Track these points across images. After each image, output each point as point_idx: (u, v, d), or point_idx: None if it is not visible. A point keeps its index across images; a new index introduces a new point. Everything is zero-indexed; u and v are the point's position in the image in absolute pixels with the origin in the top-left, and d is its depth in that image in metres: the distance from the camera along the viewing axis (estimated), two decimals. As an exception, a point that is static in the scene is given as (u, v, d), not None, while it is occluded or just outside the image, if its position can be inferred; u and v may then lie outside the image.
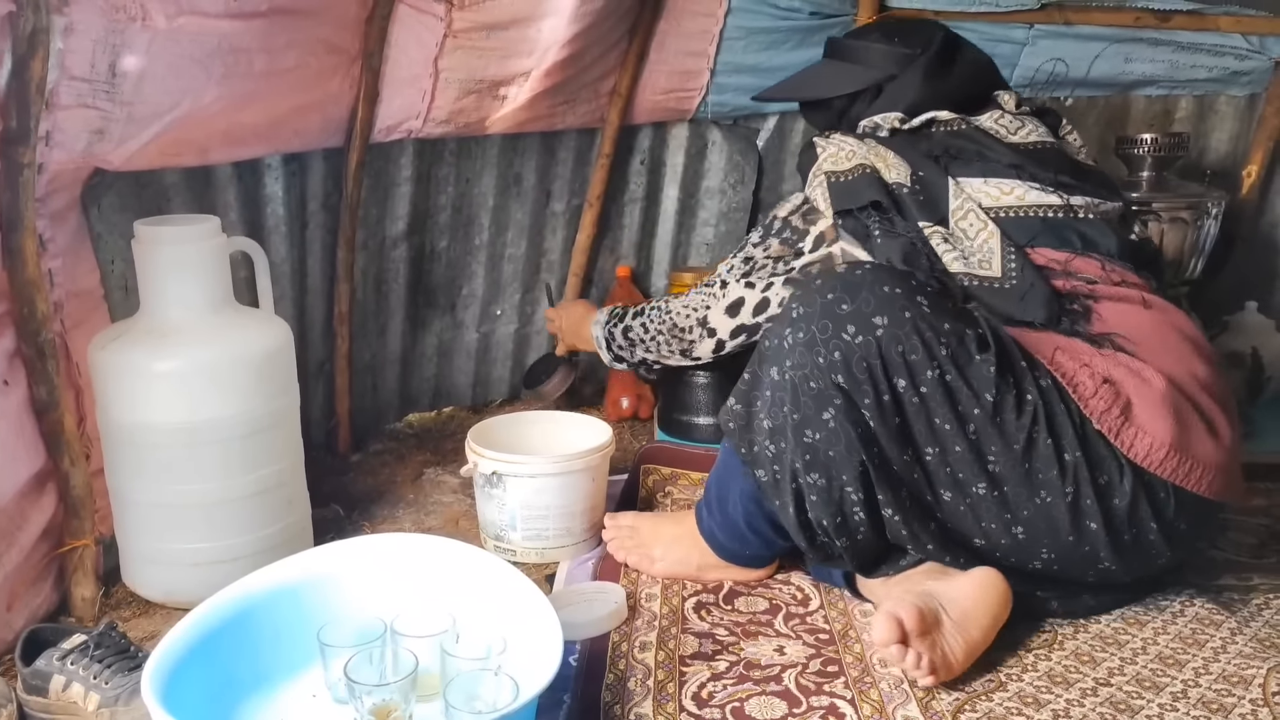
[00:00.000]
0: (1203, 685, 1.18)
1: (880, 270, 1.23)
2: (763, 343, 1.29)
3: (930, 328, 1.17)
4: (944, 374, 1.16)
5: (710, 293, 1.57)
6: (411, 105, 1.88)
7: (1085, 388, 1.20)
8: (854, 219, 1.40)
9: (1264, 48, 2.20)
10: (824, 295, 1.20)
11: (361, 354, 2.08)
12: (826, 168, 1.45)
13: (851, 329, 1.17)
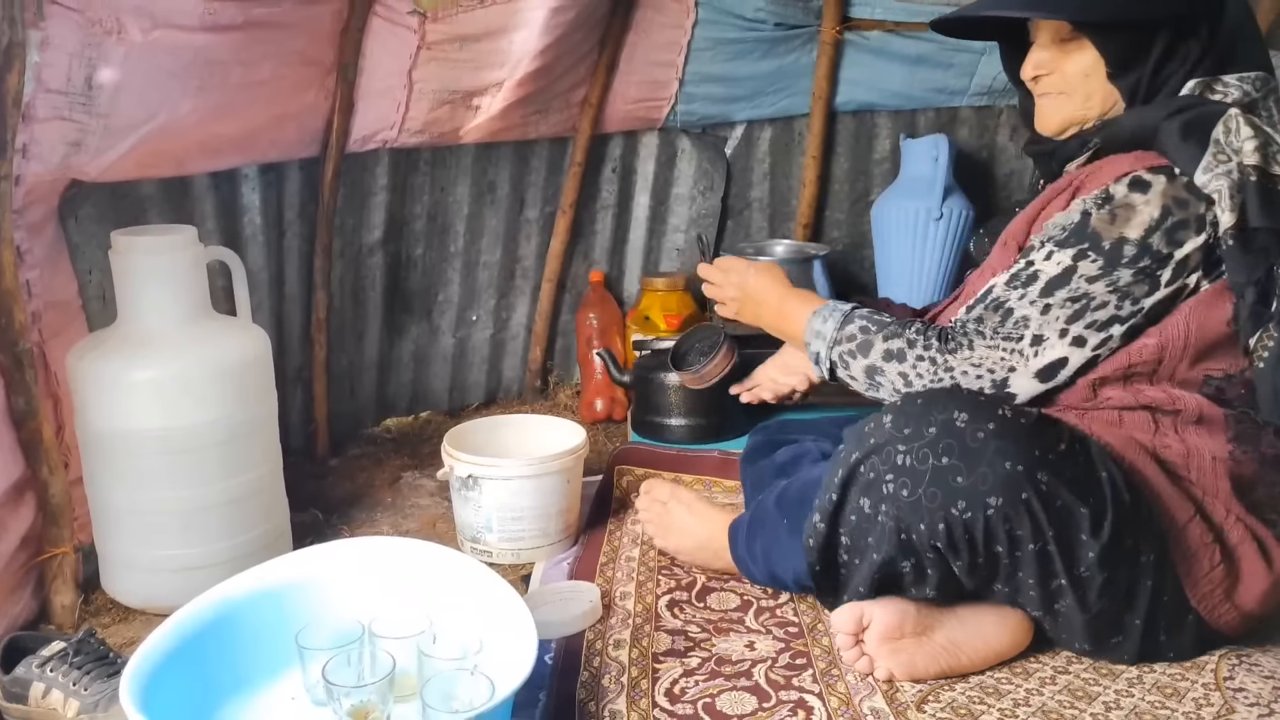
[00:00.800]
0: (1158, 671, 1.22)
1: (1005, 438, 1.07)
2: (858, 467, 1.14)
3: (1044, 505, 1.07)
4: (1045, 547, 1.09)
5: (1015, 349, 1.16)
6: (386, 116, 1.90)
7: (1199, 568, 1.13)
8: (1256, 249, 1.07)
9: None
10: (938, 457, 1.08)
11: (339, 360, 2.10)
12: (1252, 160, 1.06)
13: (963, 504, 1.07)
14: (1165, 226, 1.10)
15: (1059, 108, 1.24)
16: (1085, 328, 1.13)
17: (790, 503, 1.32)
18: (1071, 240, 1.13)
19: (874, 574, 1.18)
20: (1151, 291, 1.12)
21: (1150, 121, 1.13)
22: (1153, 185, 1.11)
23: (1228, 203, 1.06)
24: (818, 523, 1.19)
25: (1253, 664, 1.23)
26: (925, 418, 1.10)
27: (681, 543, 1.48)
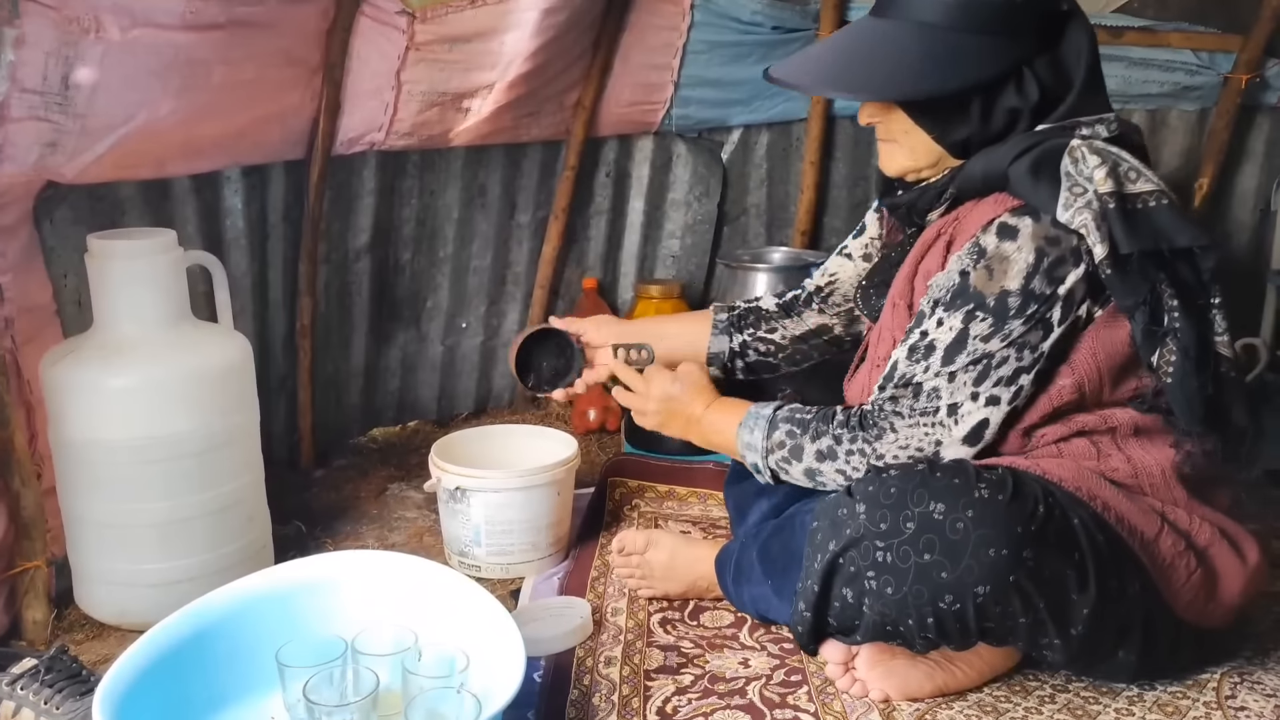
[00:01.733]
0: (1158, 689, 1.20)
1: (985, 524, 1.04)
2: (837, 559, 1.11)
3: (1033, 580, 1.05)
4: (1037, 617, 1.07)
5: (935, 422, 1.14)
6: (374, 117, 1.87)
7: (1178, 577, 1.12)
8: (1133, 272, 1.06)
9: (1213, 64, 2.26)
10: (920, 554, 1.05)
11: (324, 368, 2.06)
12: (1105, 187, 1.06)
13: (950, 598, 1.05)
14: (1043, 269, 1.08)
15: (892, 155, 1.23)
16: (994, 386, 1.11)
17: (775, 567, 1.28)
18: (957, 303, 1.11)
19: (866, 639, 1.16)
20: (1047, 334, 1.10)
21: (998, 167, 1.12)
22: (1020, 230, 1.09)
23: (1095, 235, 1.05)
24: (803, 610, 1.16)
25: (1255, 682, 1.21)
26: (901, 510, 1.07)
27: (669, 587, 1.44)
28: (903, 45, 1.14)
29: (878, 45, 1.16)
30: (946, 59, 1.12)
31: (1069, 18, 1.14)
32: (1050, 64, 1.13)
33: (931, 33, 1.13)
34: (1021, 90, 1.12)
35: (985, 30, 1.11)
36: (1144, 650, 1.14)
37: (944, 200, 1.20)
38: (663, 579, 1.43)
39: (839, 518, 1.12)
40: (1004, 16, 1.11)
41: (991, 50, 1.11)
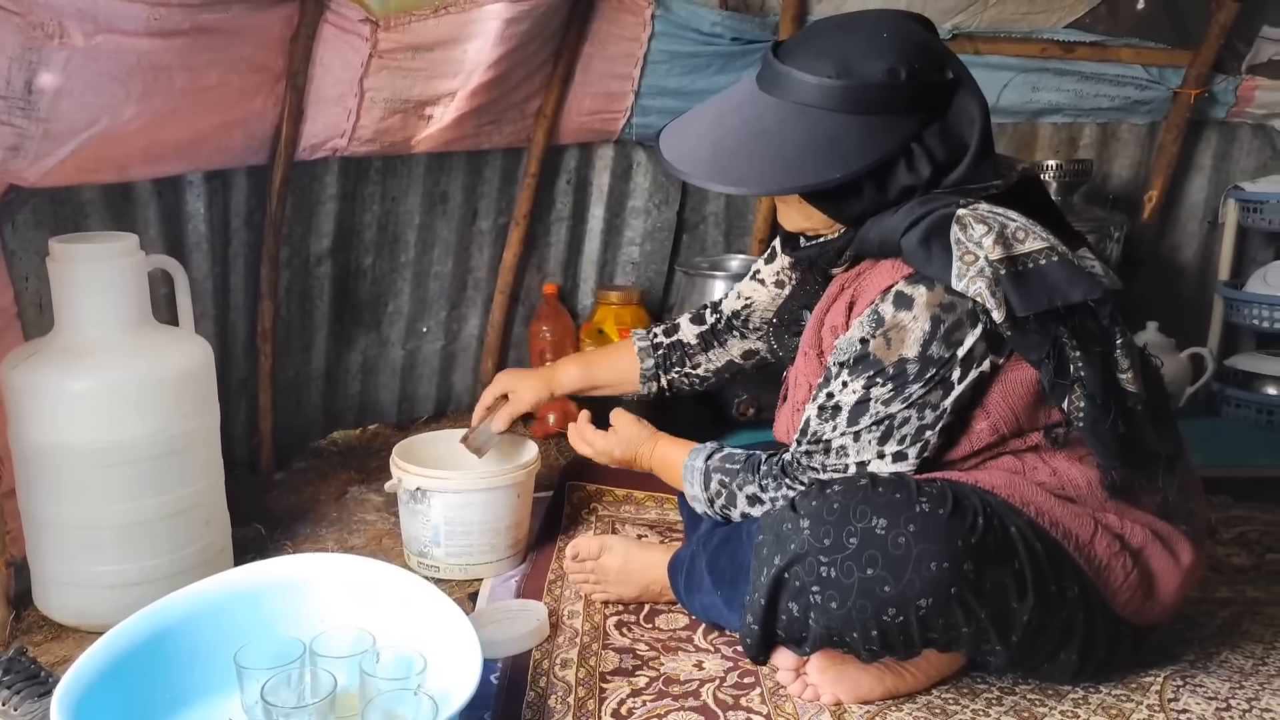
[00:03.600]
0: (1103, 692, 1.24)
1: (926, 539, 1.06)
2: (782, 574, 1.13)
3: (974, 592, 1.08)
4: (979, 626, 1.10)
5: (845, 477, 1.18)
6: (336, 124, 1.88)
7: (1115, 578, 1.16)
8: (1033, 331, 1.08)
9: (1162, 78, 2.33)
10: (863, 569, 1.07)
11: (285, 371, 2.06)
12: (994, 254, 1.07)
13: (893, 610, 1.07)
14: (940, 335, 1.10)
15: (788, 215, 1.24)
16: (898, 444, 1.15)
17: (723, 578, 1.31)
18: (859, 368, 1.14)
19: (814, 649, 1.19)
20: (948, 393, 1.12)
21: (891, 236, 1.13)
22: (915, 299, 1.11)
23: (991, 301, 1.06)
24: (751, 623, 1.19)
25: (1196, 684, 1.26)
26: (844, 525, 1.09)
27: (623, 590, 1.46)
28: (785, 133, 1.11)
29: (761, 132, 1.13)
30: (830, 147, 1.10)
31: (956, 85, 1.13)
32: (940, 134, 1.12)
33: (813, 118, 1.11)
34: (913, 167, 1.12)
35: (869, 112, 1.10)
36: (1084, 651, 1.17)
37: (844, 259, 1.23)
38: (617, 583, 1.46)
39: (784, 532, 1.14)
40: (888, 97, 1.10)
41: (877, 132, 1.10)
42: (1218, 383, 2.27)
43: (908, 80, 1.10)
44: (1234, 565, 1.62)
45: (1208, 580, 1.54)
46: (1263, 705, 1.21)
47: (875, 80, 1.09)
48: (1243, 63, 2.31)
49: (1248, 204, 2.28)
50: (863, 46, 1.11)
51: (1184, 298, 2.53)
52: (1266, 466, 1.99)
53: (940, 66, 1.13)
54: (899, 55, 1.10)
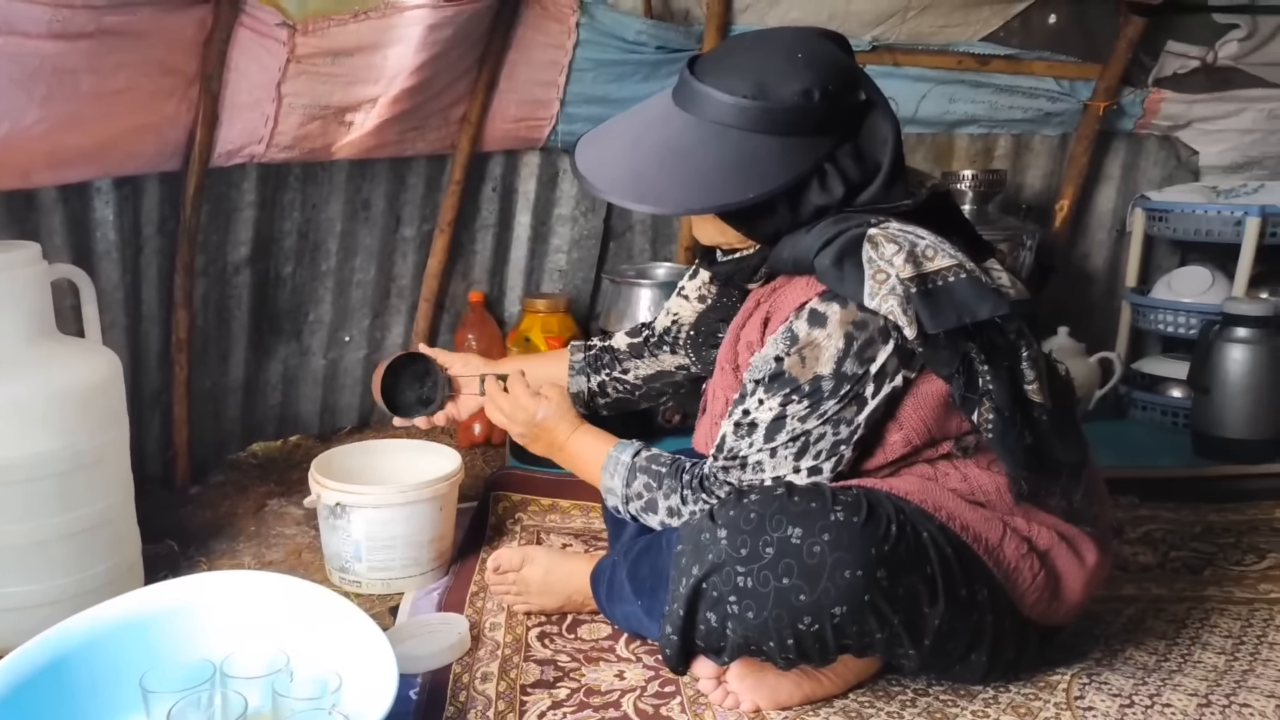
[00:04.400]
0: (1012, 691, 1.27)
1: (841, 547, 1.08)
2: (700, 584, 1.14)
3: (887, 599, 1.09)
4: (892, 632, 1.12)
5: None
6: (253, 130, 1.84)
7: (1023, 579, 1.18)
8: (943, 347, 1.10)
9: (1073, 91, 2.41)
10: (779, 578, 1.09)
11: (202, 382, 2.01)
12: (905, 273, 1.09)
13: (809, 619, 1.09)
14: (853, 352, 1.12)
15: (702, 229, 1.26)
16: (814, 459, 1.16)
17: (643, 588, 1.32)
18: (775, 386, 1.15)
19: (733, 658, 1.20)
20: (861, 408, 1.14)
21: (804, 255, 1.14)
22: (829, 317, 1.13)
23: (903, 319, 1.08)
24: (670, 634, 1.19)
25: (1102, 682, 1.29)
26: (760, 535, 1.10)
27: (545, 601, 1.46)
28: (703, 153, 1.13)
29: (679, 151, 1.14)
30: (744, 167, 1.11)
31: (869, 106, 1.15)
32: (853, 154, 1.14)
33: (729, 137, 1.12)
34: (826, 187, 1.14)
35: (785, 133, 1.11)
36: (994, 652, 1.20)
37: (759, 275, 1.25)
38: (539, 594, 1.45)
39: (701, 542, 1.15)
40: (801, 118, 1.11)
41: (792, 153, 1.12)
42: (1125, 386, 2.35)
43: (822, 101, 1.11)
44: (1139, 564, 1.68)
45: (1114, 578, 1.60)
46: (1164, 701, 1.25)
47: (790, 102, 1.11)
48: (1149, 76, 2.41)
49: (1153, 213, 2.37)
50: (778, 68, 1.12)
51: (1094, 304, 2.61)
52: (1171, 467, 2.07)
53: (854, 88, 1.15)
54: (814, 77, 1.12)
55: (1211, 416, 2.05)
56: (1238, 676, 1.31)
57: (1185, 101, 2.41)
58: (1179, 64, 2.39)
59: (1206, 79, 2.40)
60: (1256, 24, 2.32)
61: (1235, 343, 2.03)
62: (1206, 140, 2.49)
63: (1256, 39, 2.33)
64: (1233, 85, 2.40)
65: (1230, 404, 2.03)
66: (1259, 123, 2.43)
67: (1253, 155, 2.49)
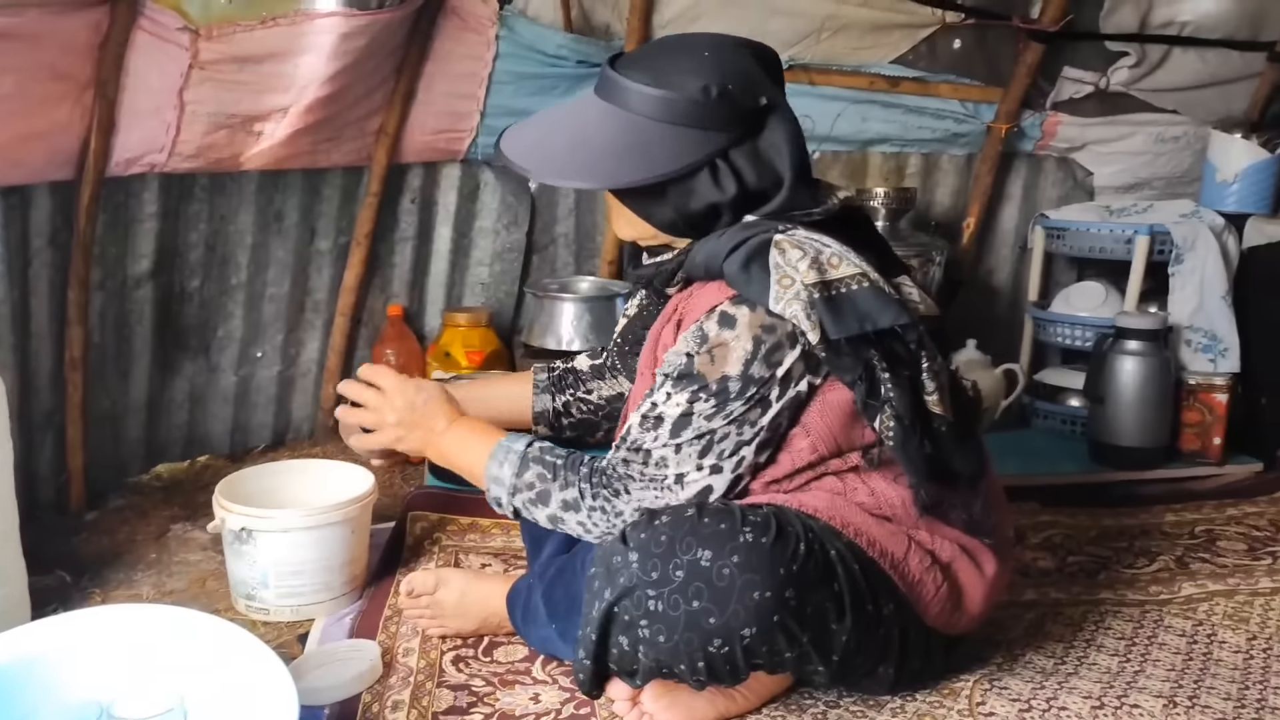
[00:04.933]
0: (919, 700, 1.29)
1: (749, 569, 1.08)
2: (612, 608, 1.13)
3: (796, 618, 1.10)
4: (801, 650, 1.13)
5: (664, 487, 1.19)
6: (154, 138, 1.77)
7: (927, 592, 1.20)
8: (846, 354, 1.12)
9: (977, 113, 2.49)
10: (689, 601, 1.09)
11: (99, 402, 1.92)
12: (809, 278, 1.12)
13: (719, 641, 1.10)
14: (761, 354, 1.14)
15: (617, 224, 1.30)
16: (717, 458, 1.17)
17: (558, 611, 1.30)
18: (684, 383, 1.16)
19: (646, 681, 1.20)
20: (765, 410, 1.16)
21: (715, 260, 1.17)
22: (738, 319, 1.15)
23: (806, 324, 1.11)
24: (583, 658, 1.18)
25: (1003, 688, 1.32)
26: (670, 558, 1.11)
27: (461, 624, 1.43)
28: (604, 133, 1.19)
29: (592, 134, 1.20)
30: (637, 150, 1.17)
31: (768, 112, 1.18)
32: (749, 156, 1.18)
33: (628, 122, 1.18)
34: (718, 183, 1.18)
35: (680, 123, 1.16)
36: (900, 664, 1.23)
37: (677, 280, 1.27)
38: (454, 617, 1.42)
39: (614, 565, 1.14)
40: (695, 110, 1.16)
41: (682, 142, 1.16)
42: (1029, 396, 2.42)
43: (719, 98, 1.16)
44: (1040, 569, 1.73)
45: (1016, 584, 1.65)
46: (1060, 704, 1.28)
47: (687, 94, 1.16)
48: (1047, 100, 2.50)
49: (1052, 231, 2.45)
50: (685, 64, 1.18)
51: (999, 317, 2.69)
52: (1069, 474, 2.14)
53: (755, 94, 1.18)
54: (715, 75, 1.16)
55: (1106, 425, 2.12)
56: (1129, 677, 1.36)
57: (1080, 125, 2.52)
58: (1074, 89, 2.49)
59: (1100, 104, 2.51)
60: (1145, 51, 2.44)
61: (1126, 355, 2.10)
62: (1100, 161, 2.59)
63: (1145, 66, 2.45)
64: (1124, 110, 2.51)
65: (1122, 413, 2.10)
66: (1148, 145, 2.55)
67: (1143, 176, 2.60)
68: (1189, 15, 2.40)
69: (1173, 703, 1.28)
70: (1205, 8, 2.40)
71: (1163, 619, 1.53)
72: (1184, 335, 2.20)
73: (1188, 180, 2.57)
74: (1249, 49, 2.47)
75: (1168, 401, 2.10)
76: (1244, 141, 2.33)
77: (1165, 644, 1.46)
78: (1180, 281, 2.22)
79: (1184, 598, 1.61)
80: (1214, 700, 1.30)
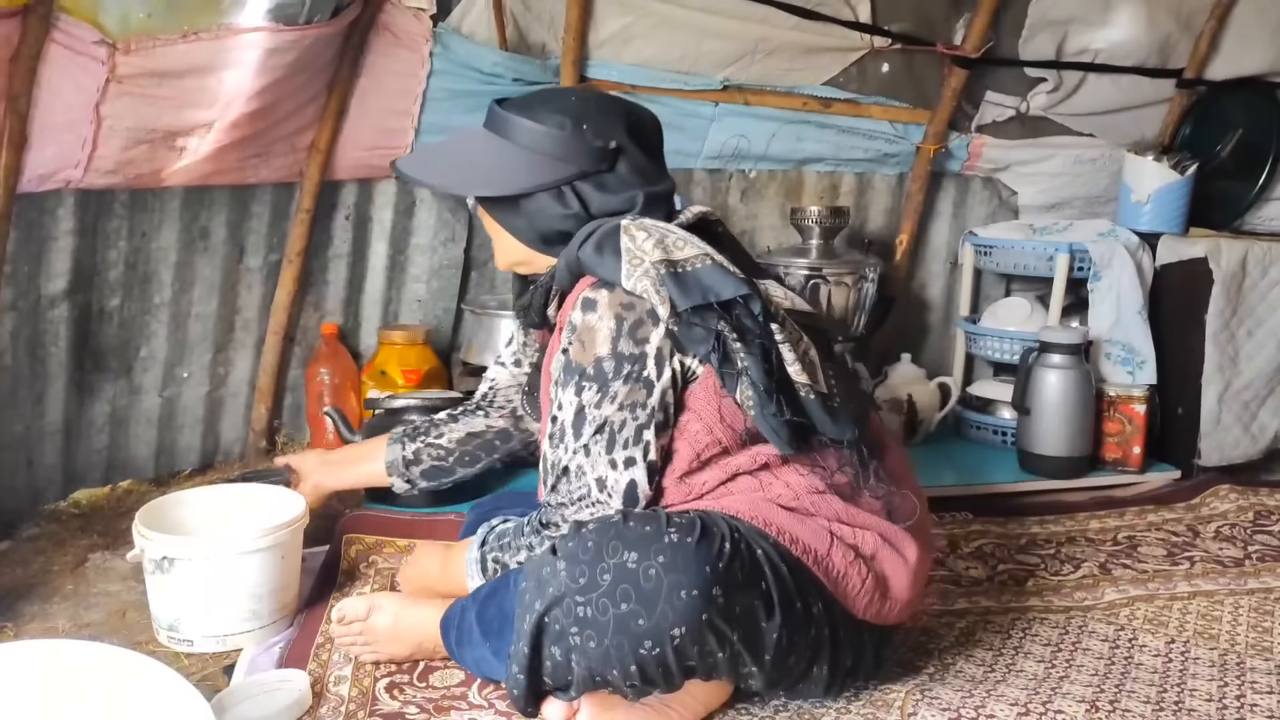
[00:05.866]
0: (853, 712, 1.30)
1: (676, 569, 1.10)
2: (543, 618, 1.14)
3: (724, 618, 1.11)
4: (733, 650, 1.14)
5: (591, 500, 1.23)
6: (69, 153, 1.71)
7: (852, 585, 1.22)
8: (695, 324, 1.19)
9: (907, 134, 2.55)
10: (617, 604, 1.10)
11: (11, 427, 1.84)
12: (655, 256, 1.20)
13: (649, 643, 1.10)
14: (625, 331, 1.21)
15: (495, 248, 1.42)
16: (623, 448, 1.21)
17: (491, 629, 1.29)
18: (567, 379, 1.23)
19: (580, 693, 1.20)
20: (650, 391, 1.21)
21: (573, 257, 1.28)
22: (598, 301, 1.22)
23: (657, 299, 1.19)
24: (516, 673, 1.18)
25: (934, 697, 1.34)
26: (597, 563, 1.12)
27: (395, 650, 1.40)
28: (472, 151, 1.36)
29: (469, 151, 1.37)
30: (506, 168, 1.32)
31: (619, 153, 1.32)
32: (596, 187, 1.31)
33: (505, 147, 1.33)
34: (565, 204, 1.31)
35: (539, 150, 1.31)
36: (833, 662, 1.24)
37: (553, 297, 1.36)
38: (387, 643, 1.39)
39: (543, 576, 1.15)
40: (547, 140, 1.31)
41: (536, 166, 1.31)
42: (962, 407, 2.47)
43: (572, 133, 1.30)
44: (971, 577, 1.76)
45: (947, 593, 1.68)
46: (988, 712, 1.30)
47: (544, 125, 1.31)
48: (972, 122, 2.58)
49: (980, 248, 2.51)
50: (554, 104, 1.34)
51: (932, 330, 2.75)
52: (999, 484, 2.18)
53: (607, 136, 1.31)
54: (575, 115, 1.31)
55: (1033, 435, 2.18)
56: (1054, 683, 1.38)
57: (1004, 146, 2.60)
58: (997, 112, 2.57)
59: (1021, 126, 2.59)
60: (1062, 78, 2.53)
61: (1049, 368, 2.16)
62: (1024, 182, 2.67)
63: (1063, 91, 2.54)
64: (1044, 133, 2.60)
65: (1048, 424, 2.16)
66: (1067, 167, 2.63)
67: (1064, 196, 2.69)
68: (1102, 43, 2.50)
69: (1094, 707, 1.31)
70: (1116, 36, 2.50)
71: (1086, 624, 1.57)
72: (1104, 349, 2.26)
73: (1105, 200, 2.66)
74: (1158, 75, 2.57)
75: (1090, 412, 2.16)
76: (1156, 164, 2.42)
77: (1089, 649, 1.49)
78: (1099, 297, 2.29)
79: (1107, 603, 1.66)
80: (1133, 704, 1.33)
